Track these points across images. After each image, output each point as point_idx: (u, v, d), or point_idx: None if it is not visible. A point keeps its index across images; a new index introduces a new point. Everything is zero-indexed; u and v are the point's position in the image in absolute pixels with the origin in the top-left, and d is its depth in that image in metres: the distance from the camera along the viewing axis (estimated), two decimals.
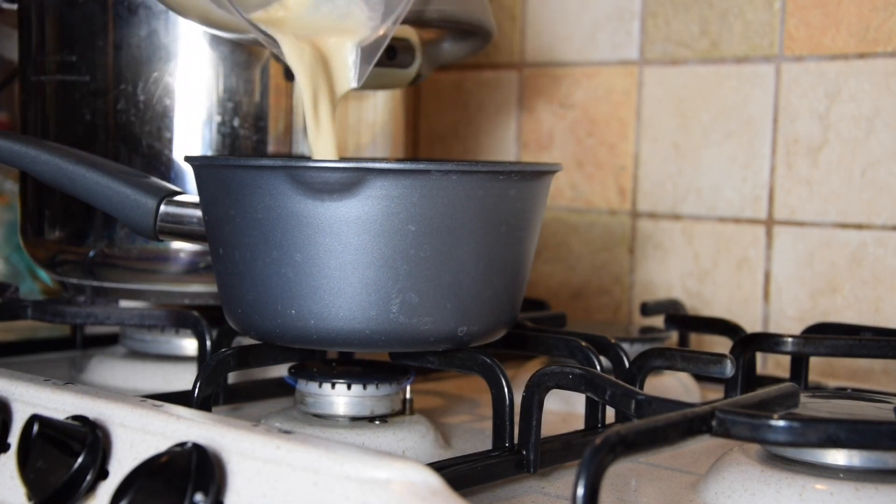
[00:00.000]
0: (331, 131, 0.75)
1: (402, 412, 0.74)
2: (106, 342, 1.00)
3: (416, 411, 0.75)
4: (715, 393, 0.90)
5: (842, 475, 0.59)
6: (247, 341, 0.75)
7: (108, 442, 0.59)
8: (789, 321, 1.01)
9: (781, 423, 0.52)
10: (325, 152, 0.75)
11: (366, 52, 0.77)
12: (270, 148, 0.88)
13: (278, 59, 0.82)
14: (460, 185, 0.65)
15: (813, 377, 0.90)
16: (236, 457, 0.53)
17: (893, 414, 0.64)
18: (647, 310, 0.98)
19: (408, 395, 0.74)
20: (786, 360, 0.89)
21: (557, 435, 0.69)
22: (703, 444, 0.73)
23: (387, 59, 0.89)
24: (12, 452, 0.62)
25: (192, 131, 0.86)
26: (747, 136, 1.04)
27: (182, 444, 0.54)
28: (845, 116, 0.98)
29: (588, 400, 0.73)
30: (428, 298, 0.66)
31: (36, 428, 0.58)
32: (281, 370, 0.78)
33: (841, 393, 0.71)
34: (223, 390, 0.81)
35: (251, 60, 0.87)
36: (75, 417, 0.60)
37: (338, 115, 0.93)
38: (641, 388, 0.73)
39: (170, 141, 0.86)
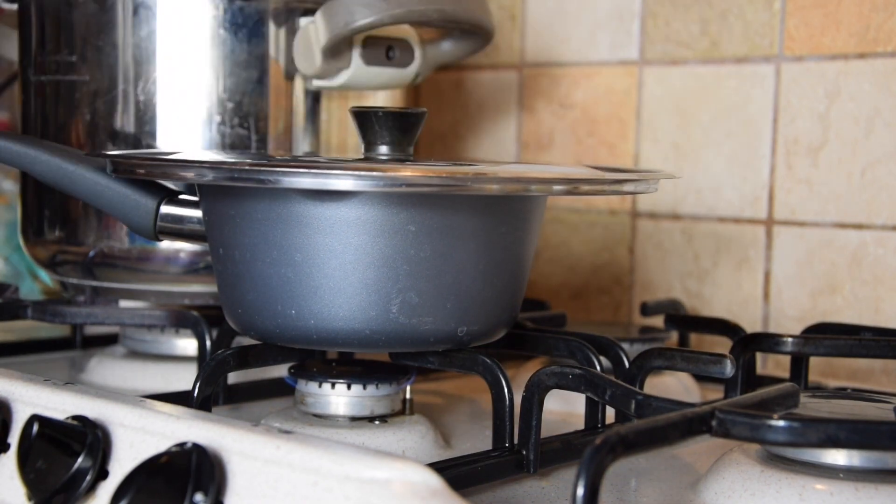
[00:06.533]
0: None
1: (402, 412, 0.73)
2: (106, 342, 1.00)
3: (416, 411, 0.74)
4: (715, 393, 0.90)
5: (842, 475, 0.59)
6: (247, 341, 0.75)
7: (108, 442, 0.59)
8: (789, 321, 1.01)
9: (781, 423, 0.52)
10: None
11: None
12: (270, 148, 0.88)
13: None
14: None
15: (813, 377, 0.90)
16: (236, 457, 0.53)
17: (893, 414, 0.64)
18: (647, 310, 0.98)
19: (408, 395, 0.74)
20: (786, 360, 0.89)
21: (557, 435, 0.69)
22: (703, 444, 0.73)
23: (386, 59, 0.89)
24: (12, 452, 0.62)
25: (192, 131, 0.86)
26: (747, 136, 1.04)
27: (182, 444, 0.54)
28: (845, 116, 0.98)
29: (588, 400, 0.72)
30: (428, 298, 0.66)
31: (36, 428, 0.58)
32: (281, 370, 0.78)
33: (841, 393, 0.71)
34: (223, 390, 0.81)
35: (251, 60, 0.87)
36: (75, 417, 0.60)
37: (338, 115, 0.93)
38: (641, 388, 0.73)
39: (169, 141, 0.86)
